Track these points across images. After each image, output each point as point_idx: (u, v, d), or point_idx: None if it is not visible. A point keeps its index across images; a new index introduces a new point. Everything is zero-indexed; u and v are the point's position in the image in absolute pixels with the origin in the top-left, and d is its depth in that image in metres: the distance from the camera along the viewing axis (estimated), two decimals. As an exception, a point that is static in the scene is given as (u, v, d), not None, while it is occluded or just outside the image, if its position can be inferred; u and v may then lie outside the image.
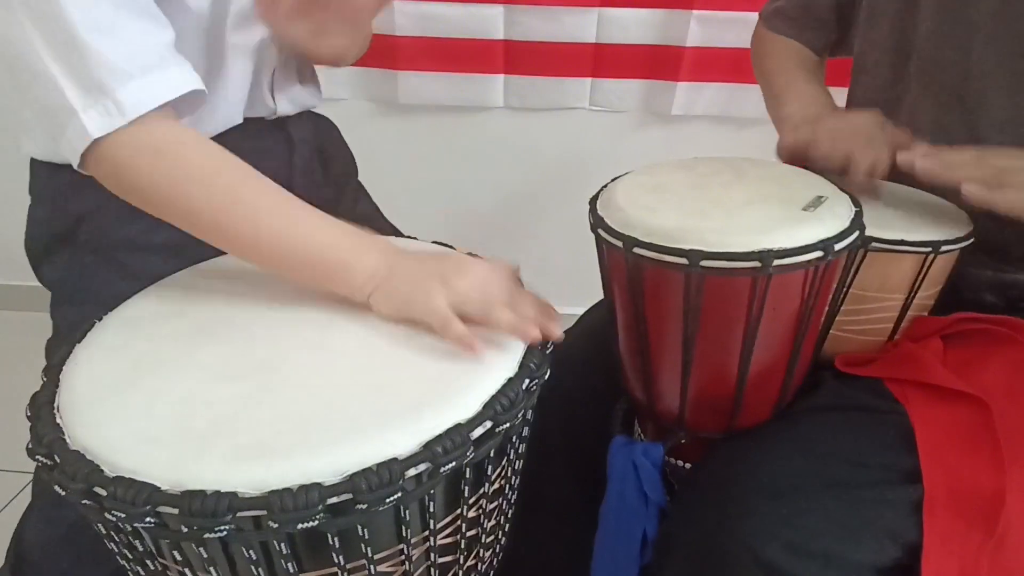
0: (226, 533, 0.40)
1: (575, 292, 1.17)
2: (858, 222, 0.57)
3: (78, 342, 0.54)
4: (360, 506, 0.41)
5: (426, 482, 0.44)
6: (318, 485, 0.40)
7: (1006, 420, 0.57)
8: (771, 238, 0.53)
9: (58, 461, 0.43)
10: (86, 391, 0.48)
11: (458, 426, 0.44)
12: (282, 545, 0.43)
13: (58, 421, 0.46)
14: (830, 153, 0.67)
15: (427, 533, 0.48)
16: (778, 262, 0.52)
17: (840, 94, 0.87)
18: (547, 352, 0.53)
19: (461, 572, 0.54)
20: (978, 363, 0.63)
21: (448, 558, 0.52)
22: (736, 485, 0.59)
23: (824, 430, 0.61)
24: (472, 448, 0.44)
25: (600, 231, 0.59)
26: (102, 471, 0.41)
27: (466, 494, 0.49)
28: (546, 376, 0.51)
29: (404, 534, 0.46)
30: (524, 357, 0.51)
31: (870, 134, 0.68)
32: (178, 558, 0.45)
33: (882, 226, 0.61)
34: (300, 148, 0.81)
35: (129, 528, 0.44)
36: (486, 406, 0.46)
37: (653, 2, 1.43)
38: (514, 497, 0.60)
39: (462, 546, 0.52)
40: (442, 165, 1.68)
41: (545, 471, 0.75)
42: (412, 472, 0.42)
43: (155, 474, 0.41)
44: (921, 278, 0.63)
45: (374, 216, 0.91)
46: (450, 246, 0.69)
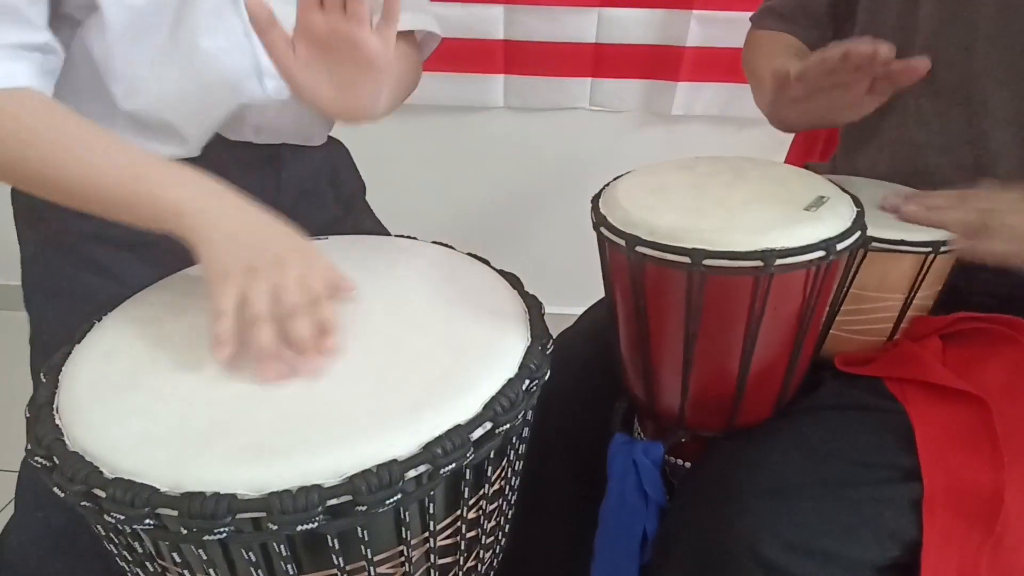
0: (225, 535, 0.40)
1: (575, 292, 1.17)
2: (859, 222, 0.57)
3: (78, 343, 0.54)
4: (360, 508, 0.41)
5: (426, 483, 0.44)
6: (318, 487, 0.40)
7: (1005, 419, 0.57)
8: (773, 237, 0.53)
9: (57, 462, 0.43)
10: (86, 392, 0.48)
11: (458, 427, 0.44)
12: (282, 547, 0.43)
13: (57, 422, 0.46)
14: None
15: (427, 534, 0.48)
16: (780, 261, 0.52)
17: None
18: (547, 352, 0.53)
19: (461, 573, 0.54)
20: (978, 362, 0.63)
21: (448, 559, 0.52)
22: (736, 484, 0.59)
23: (824, 429, 0.61)
24: (472, 449, 0.44)
25: (602, 229, 0.59)
26: (101, 472, 0.41)
27: (466, 495, 0.49)
28: (546, 376, 0.51)
29: (404, 535, 0.46)
30: (524, 358, 0.51)
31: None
32: (177, 560, 0.45)
33: (882, 226, 0.61)
34: (314, 170, 0.82)
35: (128, 530, 0.44)
36: (486, 407, 0.46)
37: (653, 2, 1.43)
38: (514, 498, 0.60)
39: (462, 547, 0.52)
40: (442, 165, 1.68)
41: (545, 470, 0.75)
42: (412, 473, 0.42)
43: (154, 475, 0.41)
44: (921, 278, 0.63)
45: (378, 232, 0.91)
46: (450, 246, 0.69)
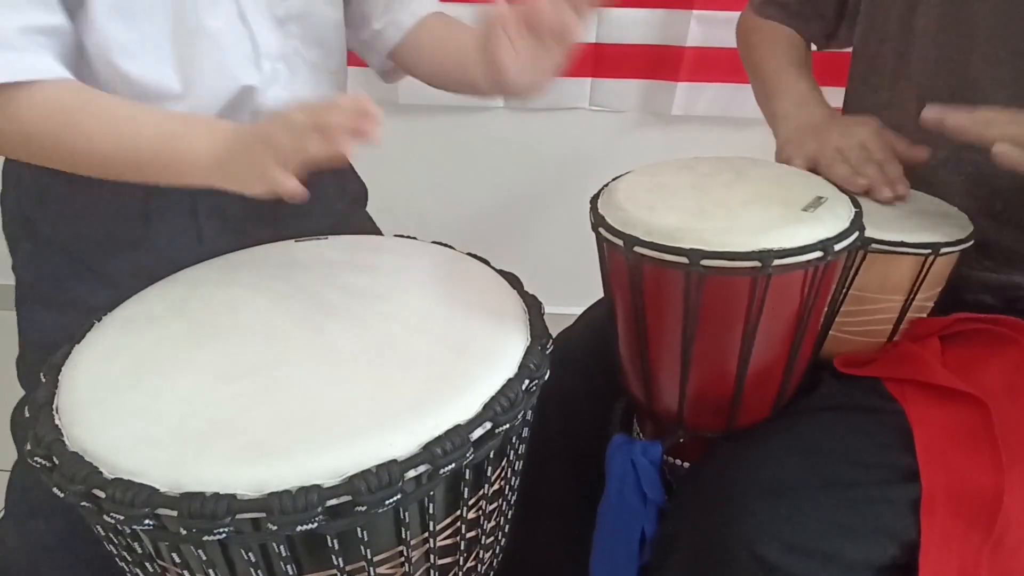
0: (225, 535, 0.40)
1: (575, 292, 1.17)
2: (858, 223, 0.57)
3: (77, 343, 0.54)
4: (359, 508, 0.41)
5: (426, 484, 0.44)
6: (317, 487, 0.40)
7: (1005, 420, 0.57)
8: (771, 238, 0.53)
9: (57, 463, 0.43)
10: (85, 392, 0.48)
11: (458, 427, 0.44)
12: (281, 547, 0.43)
13: (57, 422, 0.46)
14: (849, 179, 0.66)
15: (427, 535, 0.48)
16: (778, 262, 0.52)
17: (836, 94, 0.87)
18: (547, 352, 0.53)
19: (461, 573, 0.54)
20: (977, 363, 0.63)
21: (448, 559, 0.52)
22: (735, 484, 0.59)
23: (823, 429, 0.61)
24: (472, 449, 0.44)
25: (601, 230, 0.59)
26: (101, 473, 0.41)
27: (466, 495, 0.49)
28: (546, 376, 0.51)
29: (404, 536, 0.46)
30: (524, 358, 0.51)
31: (877, 151, 0.69)
32: (177, 560, 0.45)
33: (882, 227, 0.61)
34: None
35: (128, 530, 0.44)
36: (486, 407, 0.46)
37: (653, 2, 1.42)
38: (514, 498, 0.60)
39: (462, 547, 0.52)
40: (442, 165, 1.68)
41: (544, 470, 0.75)
42: (412, 474, 0.42)
43: (154, 476, 0.41)
44: (921, 280, 0.63)
45: None
46: (450, 246, 0.69)
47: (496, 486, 0.54)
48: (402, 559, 0.48)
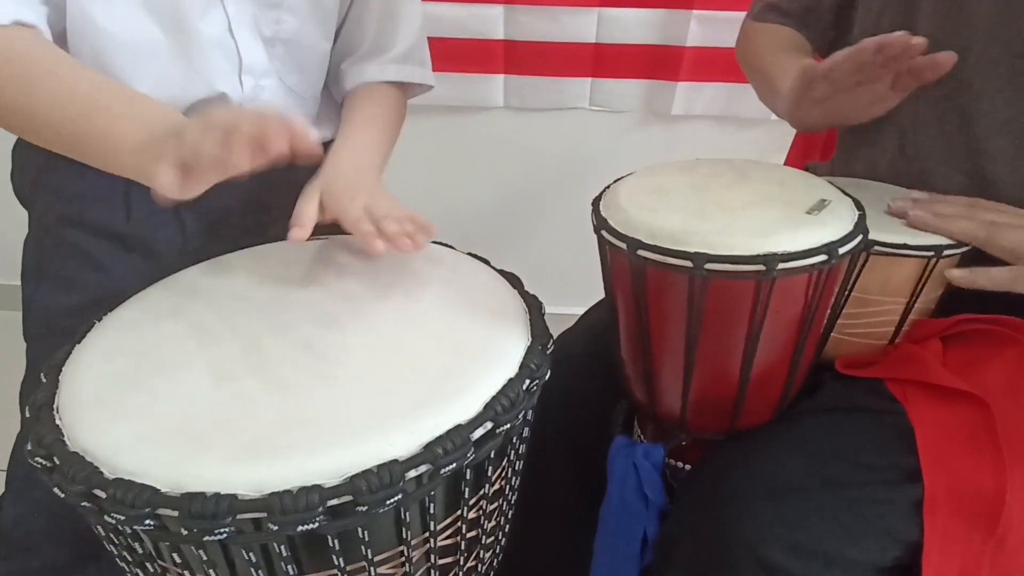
0: (226, 535, 0.40)
1: (575, 292, 1.17)
2: (861, 226, 0.57)
3: (78, 343, 0.54)
4: (360, 508, 0.41)
5: (426, 483, 0.44)
6: (318, 487, 0.40)
7: (1007, 420, 0.57)
8: (775, 241, 0.53)
9: (57, 463, 0.43)
10: (86, 392, 0.48)
11: (458, 427, 0.44)
12: (282, 547, 0.43)
13: (57, 422, 0.46)
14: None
15: (427, 534, 0.48)
16: (782, 265, 0.52)
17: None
18: (547, 352, 0.53)
19: (461, 573, 0.54)
20: (979, 363, 0.63)
21: (448, 559, 0.52)
22: (737, 486, 0.59)
23: (825, 431, 0.61)
24: (472, 449, 0.44)
25: (603, 232, 0.59)
26: (101, 473, 0.41)
27: (466, 495, 0.49)
28: (546, 376, 0.51)
29: (404, 536, 0.46)
30: (524, 357, 0.51)
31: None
32: (177, 560, 0.45)
33: (885, 230, 0.61)
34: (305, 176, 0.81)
35: (128, 530, 0.44)
36: (486, 407, 0.46)
37: (653, 2, 1.42)
38: (514, 498, 0.60)
39: (462, 547, 0.52)
40: (442, 165, 1.68)
41: (545, 472, 0.75)
42: (412, 473, 0.42)
43: (155, 476, 0.41)
44: (923, 282, 0.63)
45: None
46: (450, 246, 0.69)
47: (497, 486, 0.54)
48: (403, 559, 0.48)
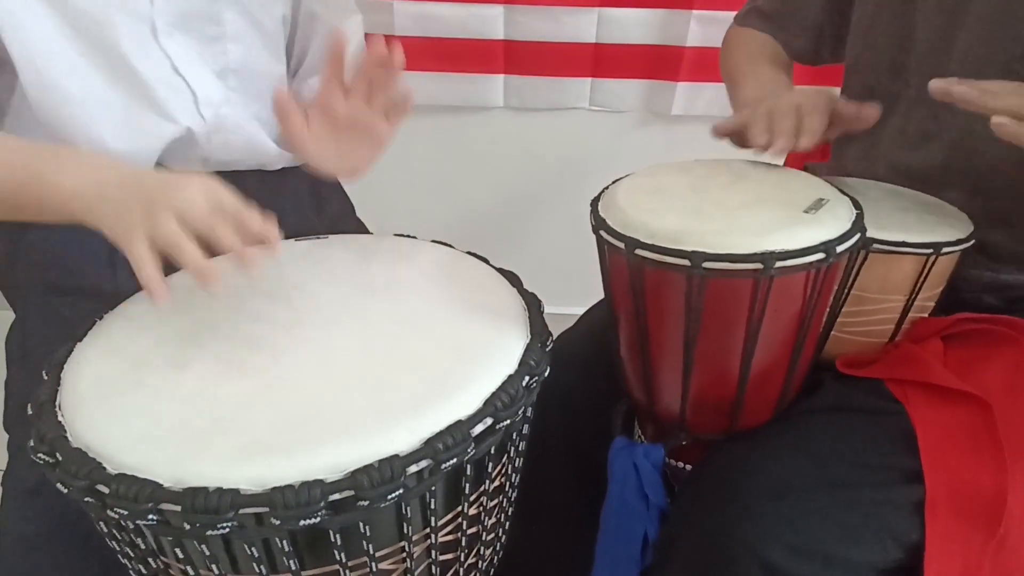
0: (228, 530, 0.40)
1: (575, 292, 1.17)
2: (859, 224, 0.57)
3: (80, 340, 0.54)
4: (362, 503, 0.41)
5: (427, 479, 0.44)
6: (320, 482, 0.40)
7: (1007, 420, 0.57)
8: (773, 240, 0.53)
9: (60, 459, 0.43)
10: (88, 389, 0.48)
11: (459, 423, 0.44)
12: (284, 542, 0.43)
13: (60, 419, 0.46)
14: (760, 133, 0.63)
15: (428, 530, 0.48)
16: (780, 264, 0.52)
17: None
18: (547, 349, 0.53)
19: (462, 570, 0.54)
20: (979, 363, 0.63)
21: (449, 555, 0.52)
22: (737, 486, 0.59)
23: (825, 431, 0.61)
24: (473, 445, 0.44)
25: (602, 233, 0.59)
26: (104, 468, 0.41)
27: (467, 491, 0.49)
28: (546, 373, 0.51)
29: (406, 531, 0.46)
30: (524, 354, 0.51)
31: (810, 106, 0.65)
32: (180, 556, 0.45)
33: (883, 227, 0.61)
34: (290, 192, 0.81)
35: (131, 526, 0.44)
36: (486, 403, 0.46)
37: (653, 2, 1.43)
38: (514, 495, 0.60)
39: (463, 544, 0.52)
40: (442, 165, 1.68)
41: (546, 472, 0.75)
42: (413, 469, 0.42)
43: (157, 471, 0.41)
44: (922, 280, 0.63)
45: None
46: (450, 245, 0.69)
47: (497, 482, 0.54)
48: (404, 555, 0.48)
